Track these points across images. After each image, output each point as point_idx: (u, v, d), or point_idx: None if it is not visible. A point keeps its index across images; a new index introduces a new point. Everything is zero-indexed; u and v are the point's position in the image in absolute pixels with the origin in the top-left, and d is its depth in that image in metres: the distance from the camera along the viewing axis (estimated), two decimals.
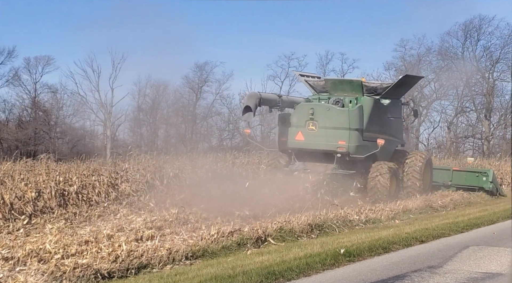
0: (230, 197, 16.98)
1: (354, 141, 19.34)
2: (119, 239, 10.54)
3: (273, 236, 11.64)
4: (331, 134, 19.28)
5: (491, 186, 23.82)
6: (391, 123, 21.24)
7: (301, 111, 19.95)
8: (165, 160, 21.19)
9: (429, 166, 21.90)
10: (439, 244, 11.86)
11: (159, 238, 10.83)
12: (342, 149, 19.19)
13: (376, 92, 20.56)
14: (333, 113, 19.51)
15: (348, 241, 11.27)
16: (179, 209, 13.86)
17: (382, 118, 20.58)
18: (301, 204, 16.11)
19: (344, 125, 19.28)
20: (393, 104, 21.31)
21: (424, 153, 22.41)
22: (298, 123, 19.83)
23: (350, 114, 19.39)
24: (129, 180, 17.30)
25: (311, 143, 19.54)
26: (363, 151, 19.54)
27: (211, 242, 10.67)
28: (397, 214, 16.12)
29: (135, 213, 13.86)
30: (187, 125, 59.12)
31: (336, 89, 20.69)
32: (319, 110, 19.61)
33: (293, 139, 19.91)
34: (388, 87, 20.59)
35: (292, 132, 19.95)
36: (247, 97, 20.19)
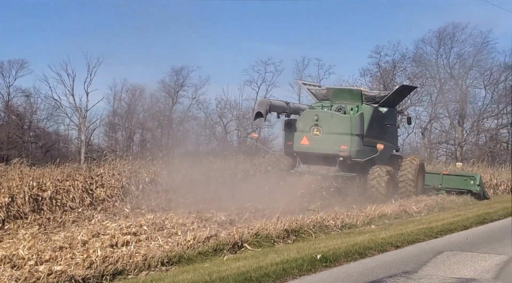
0: (206, 202, 16.96)
1: (355, 145, 20.71)
2: (94, 245, 10.43)
3: (250, 242, 11.60)
4: (334, 139, 20.57)
5: (478, 189, 25.23)
6: (388, 130, 22.75)
7: (307, 117, 21.16)
8: (140, 165, 21.08)
9: (422, 170, 23.38)
10: (413, 250, 11.92)
11: (135, 244, 10.73)
12: (344, 153, 20.52)
13: (374, 100, 22.05)
14: (336, 119, 20.86)
15: (325, 246, 11.28)
16: (154, 214, 13.77)
17: (380, 125, 22.01)
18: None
19: (346, 130, 20.63)
20: (390, 112, 22.81)
21: (417, 158, 23.82)
22: (304, 129, 21.06)
23: (352, 121, 20.76)
24: (104, 185, 17.16)
25: (315, 147, 20.77)
26: (364, 155, 20.85)
27: (187, 248, 10.60)
28: (373, 219, 16.20)
29: (110, 219, 13.75)
30: (163, 129, 58.87)
31: (337, 97, 22.10)
32: (323, 117, 20.91)
33: (299, 143, 21.12)
34: (385, 96, 22.15)
35: (298, 136, 21.16)
36: (258, 104, 21.49)
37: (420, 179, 23.00)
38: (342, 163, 20.75)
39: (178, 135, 59.25)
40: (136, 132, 59.53)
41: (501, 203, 23.85)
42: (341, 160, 20.66)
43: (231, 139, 58.43)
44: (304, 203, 17.65)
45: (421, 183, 23.22)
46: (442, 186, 25.00)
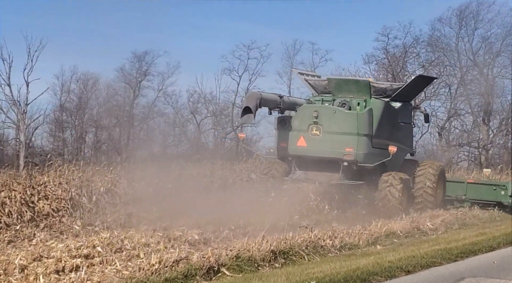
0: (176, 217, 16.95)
1: (362, 148, 20.91)
2: (35, 270, 10.36)
3: (228, 266, 11.59)
4: (337, 140, 20.73)
5: (510, 201, 25.27)
6: (401, 129, 23.03)
7: (304, 114, 21.35)
8: (94, 171, 21.03)
9: (442, 178, 23.72)
10: (428, 275, 11.99)
11: (86, 269, 10.68)
12: (349, 157, 20.69)
13: (386, 94, 22.33)
14: (339, 116, 21.01)
15: (320, 271, 11.30)
16: (111, 232, 13.72)
17: (393, 123, 22.33)
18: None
19: (352, 130, 20.81)
20: (404, 107, 23.09)
21: (437, 163, 23.99)
22: (300, 127, 21.26)
23: (359, 118, 20.92)
24: (49, 196, 17.09)
25: (315, 149, 20.91)
26: (372, 159, 21.12)
27: (151, 274, 10.56)
28: (379, 238, 16.28)
29: (55, 238, 13.69)
30: (122, 128, 58.77)
31: (340, 89, 22.29)
32: (324, 113, 21.03)
33: (294, 145, 21.36)
34: (398, 89, 22.30)
35: (293, 137, 21.35)
36: (246, 97, 21.55)
37: (440, 188, 23.31)
38: (346, 169, 21.00)
39: (141, 134, 59.22)
40: (89, 131, 59.39)
41: None
42: (345, 166, 20.89)
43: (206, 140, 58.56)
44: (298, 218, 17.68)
45: (441, 193, 23.53)
46: (467, 197, 25.39)
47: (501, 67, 56.39)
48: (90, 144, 59.05)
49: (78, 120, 58.44)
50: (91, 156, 52.53)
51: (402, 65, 56.83)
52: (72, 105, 59.00)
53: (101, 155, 53.67)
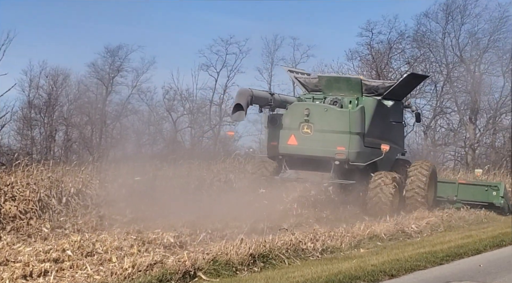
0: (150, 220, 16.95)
1: (354, 146, 21.34)
2: (0, 275, 10.31)
3: (205, 270, 11.60)
4: (328, 139, 21.15)
5: (502, 202, 25.98)
6: (393, 128, 23.51)
7: (295, 112, 21.72)
8: (64, 172, 20.97)
9: (434, 178, 24.11)
10: (413, 280, 12.07)
11: (55, 273, 10.63)
12: (341, 156, 21.08)
13: (377, 92, 22.74)
14: (331, 114, 21.39)
15: (300, 275, 11.34)
16: (82, 235, 13.66)
17: (385, 122, 22.76)
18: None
19: (344, 128, 21.20)
20: (396, 106, 23.57)
21: (428, 163, 24.27)
22: (291, 125, 21.64)
23: (351, 116, 21.29)
24: (16, 198, 17.01)
25: (306, 148, 21.35)
26: (364, 158, 21.59)
27: (124, 278, 10.55)
28: (362, 241, 16.34)
29: (23, 241, 13.62)
30: (94, 126, 58.50)
31: (331, 87, 22.71)
32: (315, 111, 21.46)
33: (285, 143, 21.74)
34: (390, 87, 22.64)
35: (284, 135, 21.74)
36: (237, 94, 21.70)
37: (432, 189, 23.75)
38: (338, 168, 21.34)
39: (114, 133, 58.99)
40: (59, 129, 59.01)
41: None
42: (336, 165, 21.26)
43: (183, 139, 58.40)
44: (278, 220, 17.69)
45: (432, 194, 23.98)
46: (458, 198, 25.97)
47: (488, 63, 56.78)
48: (60, 142, 58.68)
49: (48, 118, 58.04)
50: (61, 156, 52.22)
51: (386, 62, 57.07)
52: (41, 102, 58.59)
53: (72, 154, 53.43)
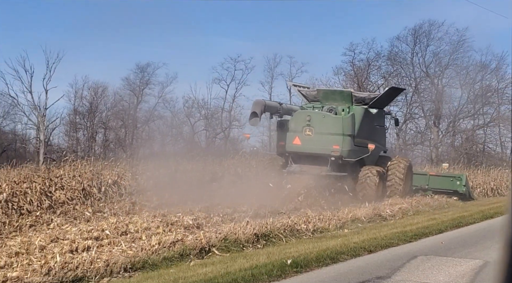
0: (173, 205, 16.93)
1: (347, 145, 21.87)
2: (52, 250, 10.32)
3: (218, 247, 11.59)
4: (326, 139, 21.66)
5: (464, 190, 26.83)
6: (377, 131, 24.13)
7: (299, 118, 22.21)
8: (103, 166, 20.94)
9: (410, 171, 24.83)
10: (387, 254, 12.04)
11: (96, 249, 10.64)
12: (336, 153, 21.60)
13: (364, 102, 23.29)
14: (328, 120, 21.97)
15: (296, 251, 11.32)
16: (117, 218, 13.67)
17: (370, 126, 23.32)
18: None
19: (338, 131, 21.76)
20: (379, 113, 24.15)
21: (405, 159, 25.26)
22: (296, 129, 22.07)
23: (343, 121, 21.92)
24: (64, 187, 17.01)
25: (308, 147, 21.79)
26: (355, 155, 22.11)
27: (152, 253, 10.54)
28: (346, 223, 16.32)
29: (70, 223, 13.62)
30: (127, 129, 58.47)
31: (327, 98, 23.36)
32: (315, 117, 21.97)
33: (291, 143, 22.12)
34: (375, 98, 23.43)
35: (290, 137, 22.16)
36: (253, 104, 22.06)
37: (408, 180, 24.34)
38: (333, 162, 21.78)
39: (143, 135, 58.95)
40: (99, 131, 59.02)
41: (476, 206, 24.26)
42: (332, 160, 21.69)
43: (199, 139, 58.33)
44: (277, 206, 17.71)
45: (409, 183, 24.54)
46: (429, 186, 26.60)
47: (449, 78, 57.05)
48: (100, 142, 58.70)
49: (90, 122, 58.04)
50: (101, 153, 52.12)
51: (366, 76, 57.07)
52: (84, 109, 58.61)
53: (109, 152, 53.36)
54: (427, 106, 57.23)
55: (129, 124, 58.38)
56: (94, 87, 58.39)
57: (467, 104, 56.42)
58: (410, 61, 57.19)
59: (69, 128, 58.33)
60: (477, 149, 57.41)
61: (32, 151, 54.12)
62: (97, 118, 58.46)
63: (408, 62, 57.23)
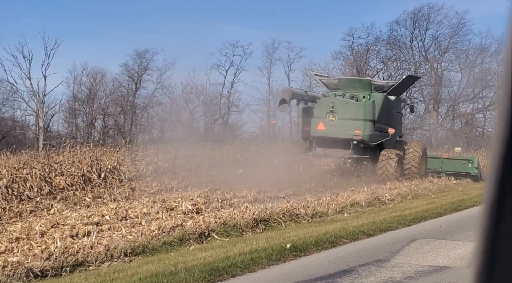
0: (172, 191, 16.97)
1: (368, 130, 23.06)
2: (53, 235, 10.38)
3: (217, 231, 11.64)
4: (348, 124, 22.81)
5: (476, 172, 27.93)
6: (395, 117, 25.43)
7: (323, 105, 23.37)
8: (102, 152, 20.96)
9: (425, 154, 26.17)
10: (386, 238, 12.08)
11: (96, 234, 10.70)
12: (358, 137, 22.86)
13: (383, 89, 24.61)
14: (350, 106, 23.15)
15: (295, 235, 11.36)
16: (117, 203, 13.72)
17: (389, 112, 24.54)
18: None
19: (360, 116, 22.93)
20: (396, 100, 25.42)
21: (421, 144, 26.67)
22: (320, 115, 23.20)
23: (365, 107, 23.16)
24: (64, 173, 17.05)
25: (331, 132, 22.96)
26: (375, 139, 23.45)
27: (152, 238, 10.59)
28: (345, 207, 16.34)
29: (70, 208, 13.68)
30: (126, 115, 58.45)
31: (348, 86, 24.49)
32: (338, 104, 23.13)
33: (315, 128, 23.28)
34: (393, 86, 24.74)
35: (314, 122, 23.29)
36: (281, 91, 23.69)
37: (423, 163, 25.58)
38: (355, 146, 23.14)
39: (142, 121, 58.95)
40: (98, 118, 59.01)
41: (475, 190, 24.30)
42: (354, 144, 23.01)
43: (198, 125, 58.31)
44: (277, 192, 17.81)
45: (424, 166, 25.73)
46: (442, 169, 27.66)
47: (448, 62, 56.86)
48: (99, 129, 58.70)
49: (89, 109, 58.01)
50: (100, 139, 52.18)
51: (365, 61, 56.95)
52: (83, 96, 58.58)
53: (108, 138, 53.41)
54: (426, 91, 57.15)
55: (128, 111, 58.35)
56: (93, 74, 58.38)
57: (466, 88, 56.29)
58: (410, 45, 57.07)
59: (68, 115, 58.35)
60: (476, 133, 57.37)
61: (31, 137, 54.14)
62: (96, 104, 58.44)
63: (408, 46, 57.11)
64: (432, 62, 56.71)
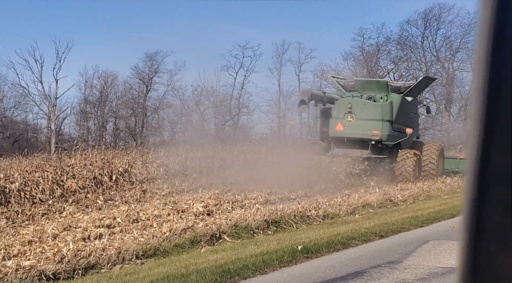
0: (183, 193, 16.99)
1: (386, 130, 23.47)
2: (65, 238, 10.42)
3: (228, 233, 11.64)
4: (366, 125, 23.22)
5: None
6: (412, 117, 25.82)
7: (341, 106, 23.76)
8: (114, 155, 21.02)
9: (442, 154, 26.59)
10: (398, 239, 12.03)
11: (108, 237, 10.73)
12: (376, 137, 23.30)
13: (399, 90, 24.95)
14: (368, 107, 23.58)
15: (306, 237, 11.34)
16: (129, 206, 13.75)
17: (406, 112, 24.92)
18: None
19: (378, 117, 23.36)
20: (413, 101, 25.85)
21: (438, 144, 26.93)
22: (338, 116, 23.66)
23: (382, 108, 23.53)
24: (76, 176, 17.10)
25: (349, 132, 23.41)
26: (393, 139, 23.92)
27: (163, 240, 10.61)
28: (356, 208, 16.31)
29: (82, 211, 13.73)
30: (137, 118, 58.62)
31: (365, 88, 24.91)
32: (356, 105, 23.56)
33: (333, 129, 23.78)
34: (410, 87, 25.17)
35: (333, 123, 23.79)
36: (301, 93, 24.07)
37: (440, 163, 25.95)
38: (373, 146, 23.59)
39: (153, 123, 59.10)
40: (109, 120, 59.23)
41: None
42: (372, 144, 23.46)
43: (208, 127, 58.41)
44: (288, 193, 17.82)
45: (441, 166, 26.10)
46: (459, 169, 27.94)
47: (460, 61, 56.70)
48: (110, 131, 58.93)
49: (100, 111, 58.25)
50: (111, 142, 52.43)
51: (375, 61, 56.83)
52: (94, 99, 58.84)
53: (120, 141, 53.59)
54: (438, 91, 56.96)
55: (139, 113, 58.52)
56: (104, 76, 58.66)
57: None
58: (421, 45, 56.92)
59: (79, 117, 58.64)
60: None
61: (43, 140, 54.45)
62: (107, 107, 58.70)
63: (419, 46, 56.96)
64: (443, 62, 56.52)
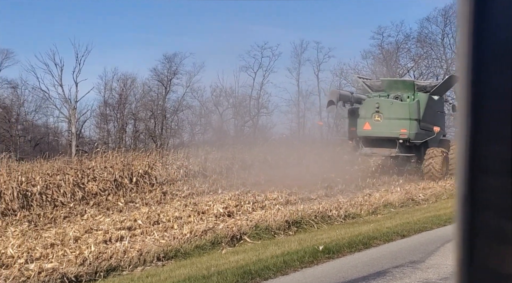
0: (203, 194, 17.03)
1: (413, 129, 23.76)
2: (86, 241, 10.48)
3: (249, 234, 11.64)
4: (394, 124, 23.55)
5: None
6: (438, 116, 25.92)
7: (368, 105, 24.15)
8: (134, 157, 21.13)
9: None
10: (421, 238, 11.94)
11: (129, 239, 10.78)
12: (403, 136, 23.60)
13: (426, 89, 25.17)
14: (395, 106, 23.93)
15: (327, 237, 11.30)
16: (149, 208, 13.80)
17: (433, 111, 25.11)
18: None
19: (405, 116, 23.67)
20: (439, 100, 25.97)
21: None
22: (366, 115, 24.07)
23: (410, 107, 23.87)
24: (96, 178, 17.21)
25: (377, 131, 23.82)
26: (420, 137, 24.12)
27: (184, 242, 10.64)
28: (378, 208, 16.23)
29: (103, 214, 13.80)
30: (157, 119, 58.86)
31: (391, 88, 25.24)
32: (383, 104, 23.94)
33: (361, 129, 24.17)
34: (436, 86, 25.28)
35: (360, 123, 24.19)
36: (330, 93, 24.61)
37: None
38: (401, 145, 23.90)
39: (172, 125, 59.32)
40: (129, 123, 59.55)
41: None
42: (400, 142, 23.78)
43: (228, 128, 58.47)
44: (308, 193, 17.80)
45: None
46: None
47: None
48: (130, 133, 59.24)
49: (120, 114, 58.58)
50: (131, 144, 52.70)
51: (395, 59, 56.48)
52: (114, 101, 59.17)
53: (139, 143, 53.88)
54: None
55: (158, 115, 58.76)
56: (123, 79, 58.93)
57: None
58: (441, 42, 56.47)
59: (99, 120, 59.02)
60: None
61: (64, 143, 54.90)
62: (126, 109, 58.99)
63: (439, 43, 56.50)
64: None
